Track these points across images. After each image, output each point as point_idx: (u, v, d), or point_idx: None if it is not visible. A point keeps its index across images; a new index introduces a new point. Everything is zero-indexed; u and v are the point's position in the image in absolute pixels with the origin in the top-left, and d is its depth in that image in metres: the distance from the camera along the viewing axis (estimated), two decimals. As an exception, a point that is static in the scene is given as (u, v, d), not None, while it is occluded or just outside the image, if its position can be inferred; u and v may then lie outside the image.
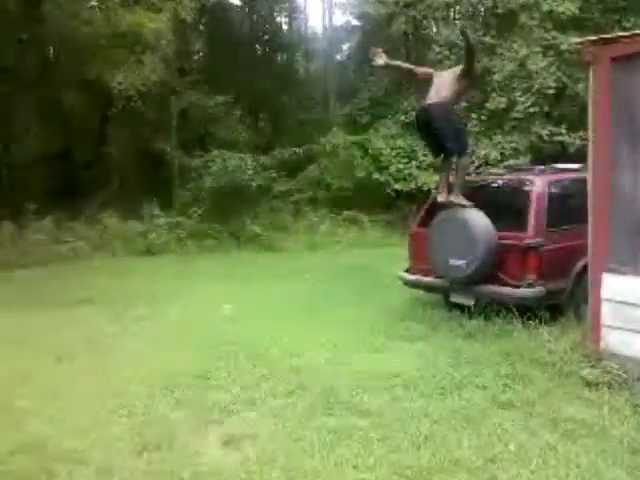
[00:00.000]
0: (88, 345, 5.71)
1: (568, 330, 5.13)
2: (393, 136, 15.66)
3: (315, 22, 46.01)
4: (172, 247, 13.20)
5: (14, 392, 4.37)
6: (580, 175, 5.52)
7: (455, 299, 6.18)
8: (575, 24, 12.85)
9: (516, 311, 5.45)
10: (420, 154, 14.58)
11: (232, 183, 14.52)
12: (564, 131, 12.57)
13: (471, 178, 6.67)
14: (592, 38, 4.61)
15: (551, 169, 6.43)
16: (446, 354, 5.00)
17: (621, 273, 4.38)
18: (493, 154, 12.99)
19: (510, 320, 5.47)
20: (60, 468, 3.19)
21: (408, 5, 15.91)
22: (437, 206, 6.27)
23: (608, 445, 3.40)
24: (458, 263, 5.74)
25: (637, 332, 4.26)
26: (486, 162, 12.57)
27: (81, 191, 15.44)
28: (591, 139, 4.63)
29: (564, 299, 5.64)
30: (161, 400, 4.20)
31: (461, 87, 6.19)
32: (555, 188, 5.98)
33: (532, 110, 12.90)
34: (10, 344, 5.78)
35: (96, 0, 14.91)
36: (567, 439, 3.50)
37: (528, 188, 5.89)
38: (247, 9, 22.75)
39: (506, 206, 6.16)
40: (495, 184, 6.49)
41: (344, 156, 15.83)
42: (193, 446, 3.48)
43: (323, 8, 22.30)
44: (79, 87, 16.04)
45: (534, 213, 5.65)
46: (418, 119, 6.27)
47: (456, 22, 16.86)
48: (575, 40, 6.02)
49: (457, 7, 16.94)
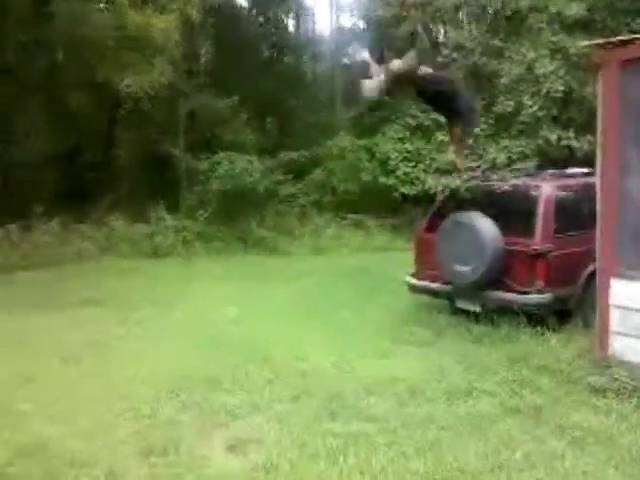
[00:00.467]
0: (93, 347, 5.71)
1: (576, 336, 5.11)
2: (400, 139, 15.64)
3: (322, 24, 46.03)
4: (178, 249, 13.21)
5: (18, 394, 4.38)
6: (588, 180, 5.49)
7: (461, 305, 6.16)
8: (583, 27, 12.80)
9: (523, 317, 5.42)
10: (427, 157, 14.55)
11: (239, 186, 14.53)
12: (572, 135, 12.50)
13: (477, 183, 6.64)
14: (601, 41, 4.58)
15: (559, 174, 6.40)
16: (452, 359, 4.98)
17: (630, 278, 4.34)
18: (500, 158, 12.93)
19: (517, 326, 5.44)
20: (65, 471, 3.19)
21: (416, 7, 15.90)
22: (444, 211, 6.25)
23: (616, 453, 3.37)
24: (464, 269, 5.72)
25: (646, 339, 4.23)
26: (493, 166, 12.53)
27: (88, 193, 15.47)
28: (599, 143, 4.60)
29: (572, 305, 5.61)
30: (167, 403, 4.19)
31: None
32: (563, 193, 5.96)
33: (540, 114, 12.84)
34: (14, 346, 5.79)
35: (104, 2, 14.97)
36: (575, 447, 3.47)
37: (536, 193, 5.86)
38: (254, 11, 22.79)
39: (513, 211, 6.12)
40: (502, 189, 6.46)
41: (351, 159, 15.81)
42: (199, 450, 3.47)
43: (330, 10, 22.30)
44: (87, 89, 16.10)
45: (542, 219, 5.62)
46: None
47: (464, 24, 16.82)
48: (583, 43, 5.97)
49: (465, 9, 16.91)
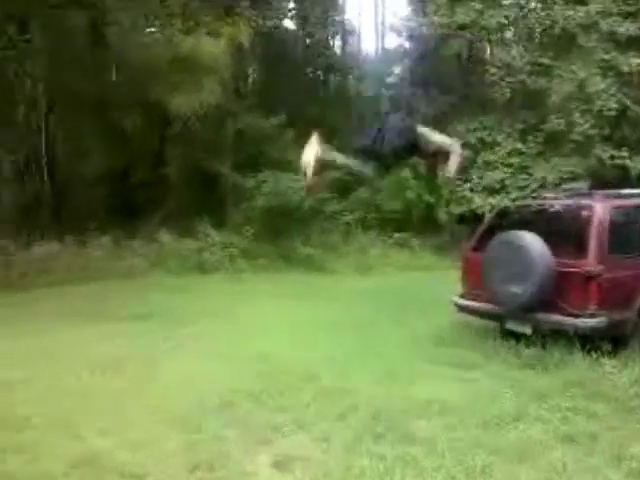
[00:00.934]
0: (143, 360, 5.83)
1: (632, 363, 4.91)
2: (446, 158, 15.52)
3: (368, 45, 46.37)
4: (225, 265, 13.40)
5: (71, 406, 4.49)
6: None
7: (511, 327, 6.02)
8: (636, 44, 12.50)
9: (576, 341, 5.26)
10: (475, 176, 14.39)
11: (284, 203, 14.69)
12: (626, 154, 12.18)
13: (528, 202, 6.53)
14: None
15: (613, 194, 6.22)
16: (502, 383, 4.86)
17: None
18: (550, 177, 12.68)
19: (570, 350, 5.28)
20: (116, 482, 3.26)
21: (462, 27, 15.86)
22: (493, 229, 6.16)
23: (677, 487, 3.21)
24: (514, 289, 5.60)
25: None
26: (542, 185, 12.30)
27: (139, 210, 15.92)
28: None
29: (628, 330, 5.41)
30: (212, 418, 4.23)
31: None
32: (617, 214, 5.78)
33: (591, 132, 12.57)
34: (67, 357, 5.97)
35: (157, 26, 15.53)
36: (632, 478, 3.32)
37: (588, 213, 5.70)
38: (301, 32, 23.19)
39: (565, 231, 5.98)
40: (553, 209, 6.31)
41: (395, 178, 15.77)
42: (245, 466, 3.48)
43: (376, 31, 22.49)
44: (139, 110, 16.64)
45: (595, 239, 5.47)
46: None
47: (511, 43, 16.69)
48: (637, 61, 5.83)
49: (512, 28, 16.77)
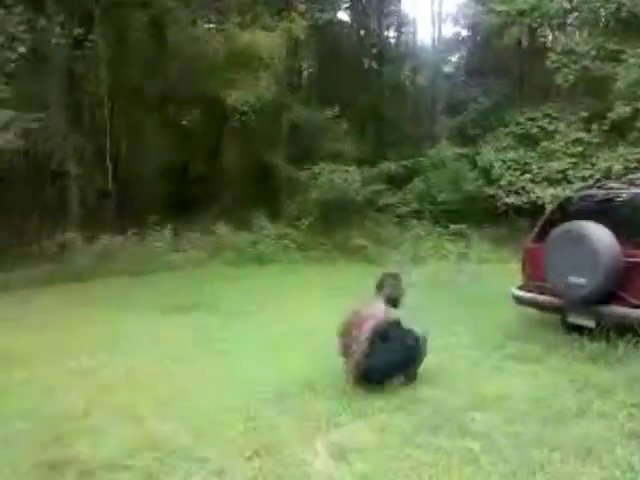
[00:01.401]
0: (202, 348, 6.00)
1: None
2: (504, 148, 15.17)
3: (424, 34, 45.64)
4: (280, 257, 13.58)
5: (134, 392, 4.66)
6: None
7: (573, 320, 5.83)
8: None
9: (643, 335, 5.05)
10: (534, 166, 13.99)
11: (338, 196, 14.73)
12: (698, 141, 11.56)
13: (592, 192, 6.29)
14: None
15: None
16: (563, 378, 4.72)
17: None
18: (615, 167, 12.18)
19: (636, 344, 5.07)
20: (179, 466, 3.37)
21: (522, 13, 15.38)
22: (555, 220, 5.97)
23: None
24: (578, 281, 5.41)
25: None
26: (607, 175, 11.83)
27: (197, 203, 16.32)
28: None
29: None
30: (269, 406, 4.30)
31: None
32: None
33: (660, 119, 12.00)
34: (130, 346, 6.21)
35: (215, 22, 15.80)
36: None
37: (658, 202, 5.45)
38: (355, 24, 23.06)
39: (632, 221, 5.72)
40: (619, 198, 6.05)
41: (452, 169, 15.55)
42: (302, 455, 3.52)
43: (432, 19, 22.12)
44: (198, 105, 17.02)
45: (664, 230, 5.22)
46: None
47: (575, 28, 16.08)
48: None
49: (575, 13, 16.15)
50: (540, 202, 13.22)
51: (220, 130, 18.54)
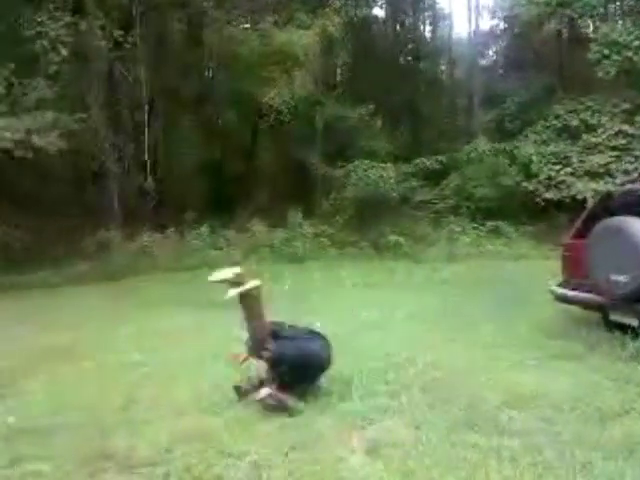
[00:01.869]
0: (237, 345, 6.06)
1: None
2: (544, 142, 14.85)
3: (460, 28, 44.98)
4: (315, 254, 13.62)
5: (174, 386, 4.75)
6: None
7: (615, 318, 5.67)
8: None
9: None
10: (575, 160, 13.65)
11: (373, 193, 14.68)
12: None
13: (636, 186, 6.10)
14: None
15: None
16: (605, 377, 4.61)
17: None
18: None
19: (681, 344, 4.92)
20: (217, 460, 3.42)
21: (562, 4, 15.00)
22: (597, 215, 5.82)
23: None
24: (620, 278, 5.27)
25: None
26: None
27: (233, 201, 16.51)
28: None
29: None
30: (307, 402, 4.32)
31: None
32: None
33: None
34: (171, 341, 6.33)
35: (250, 21, 15.92)
36: None
37: None
38: (391, 20, 22.92)
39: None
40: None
41: (489, 164, 15.31)
42: (337, 451, 3.53)
43: (469, 13, 21.79)
44: (233, 104, 17.20)
45: None
46: None
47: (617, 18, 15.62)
48: None
49: (618, 2, 15.68)
50: (581, 197, 12.92)
51: (255, 129, 18.72)
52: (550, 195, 14.07)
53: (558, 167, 14.23)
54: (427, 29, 24.92)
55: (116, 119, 14.72)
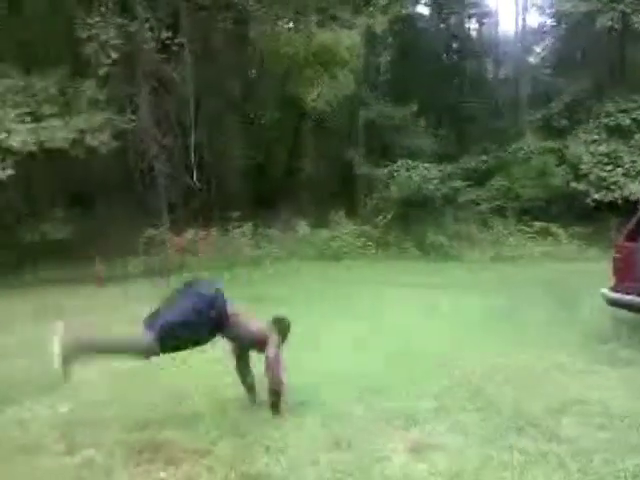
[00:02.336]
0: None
1: None
2: (594, 141, 14.43)
3: (507, 25, 44.14)
4: (357, 254, 13.62)
5: (218, 381, 4.82)
6: None
7: (670, 323, 5.48)
8: None
9: None
10: (627, 160, 13.23)
11: (416, 193, 14.57)
12: None
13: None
14: None
15: None
16: (659, 383, 4.46)
17: None
18: None
19: None
20: (261, 454, 3.46)
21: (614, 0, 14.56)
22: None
23: None
24: (675, 282, 5.09)
25: None
26: None
27: (275, 200, 16.65)
28: None
29: None
30: (350, 402, 4.33)
31: None
32: None
33: None
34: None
35: (295, 21, 16.01)
36: None
37: None
38: (435, 18, 22.68)
39: None
40: None
41: (537, 164, 14.98)
42: (381, 450, 3.52)
43: (516, 10, 21.34)
44: (276, 104, 17.33)
45: None
46: None
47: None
48: None
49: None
50: (633, 198, 12.49)
51: (298, 128, 18.81)
52: (600, 196, 13.67)
53: (609, 167, 13.81)
54: (472, 27, 24.55)
55: (164, 119, 15.03)
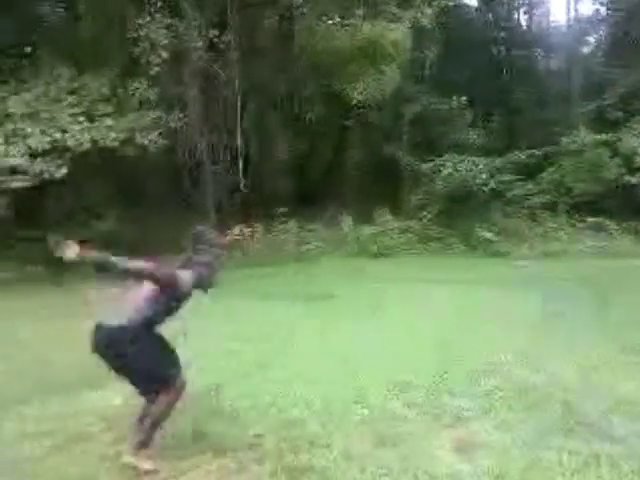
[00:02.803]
0: (324, 339, 6.15)
1: None
2: (650, 133, 13.88)
3: (558, 15, 42.78)
4: (402, 250, 13.53)
5: (265, 377, 4.88)
6: None
7: None
8: None
9: None
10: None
11: (463, 187, 14.35)
12: None
13: None
14: None
15: None
16: None
17: None
18: None
19: None
20: (306, 449, 3.49)
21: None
22: None
23: None
24: None
25: None
26: None
27: (320, 196, 16.69)
28: None
29: None
30: (393, 398, 4.32)
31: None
32: None
33: None
34: (267, 332, 6.52)
35: (339, 16, 15.96)
36: None
37: None
38: (483, 9, 22.22)
39: None
40: None
41: (589, 157, 14.50)
42: (426, 448, 3.51)
43: (568, -1, 20.65)
44: (321, 99, 17.33)
45: None
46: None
47: None
48: None
49: None
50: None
51: (342, 124, 18.77)
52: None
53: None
54: (522, 17, 23.93)
55: (211, 118, 15.28)
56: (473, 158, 14.78)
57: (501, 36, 22.24)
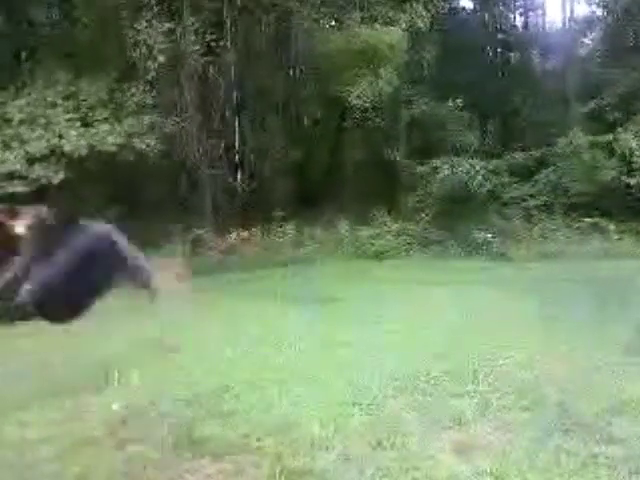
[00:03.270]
0: (326, 337, 6.15)
1: None
2: (646, 133, 13.92)
3: (554, 16, 42.92)
4: (399, 253, 13.55)
5: (265, 380, 4.88)
6: None
7: None
8: None
9: None
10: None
11: (460, 189, 14.38)
12: None
13: None
14: None
15: None
16: None
17: None
18: None
19: None
20: (306, 451, 3.50)
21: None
22: None
23: None
24: None
25: None
26: None
27: (317, 199, 16.69)
28: None
29: None
30: (392, 400, 4.33)
31: None
32: None
33: None
34: (272, 334, 6.52)
35: (335, 20, 16.01)
36: None
37: None
38: (479, 11, 22.28)
39: None
40: None
41: (586, 158, 14.53)
42: (425, 449, 3.51)
43: (563, 0, 20.71)
44: (318, 102, 17.37)
45: None
46: None
47: None
48: None
49: None
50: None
51: (340, 127, 18.80)
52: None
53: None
54: (518, 18, 24.00)
55: (208, 121, 15.30)
56: (470, 160, 14.81)
57: (497, 38, 22.31)
